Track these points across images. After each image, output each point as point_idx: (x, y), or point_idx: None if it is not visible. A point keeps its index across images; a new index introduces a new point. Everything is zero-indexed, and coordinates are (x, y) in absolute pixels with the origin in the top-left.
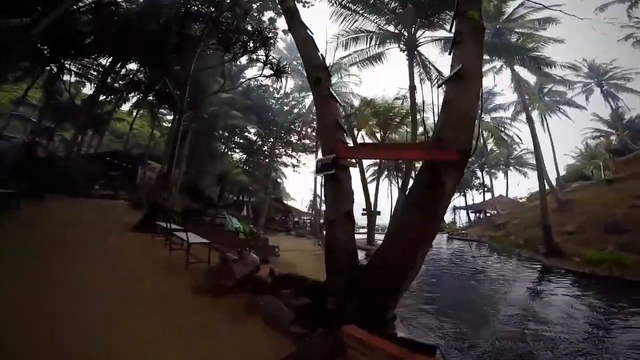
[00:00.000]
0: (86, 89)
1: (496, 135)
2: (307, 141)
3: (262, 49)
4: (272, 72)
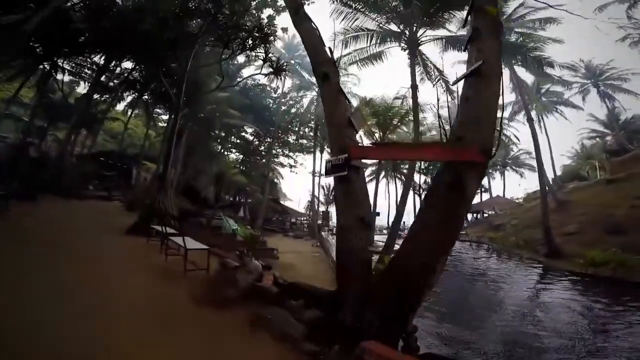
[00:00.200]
0: (80, 88)
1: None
2: (304, 141)
3: (262, 45)
4: (272, 70)
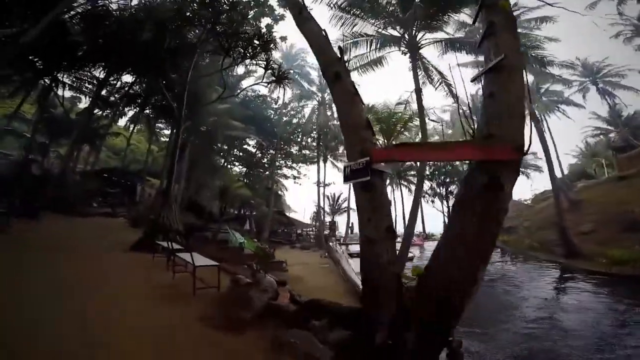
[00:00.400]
0: (82, 103)
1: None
2: (307, 152)
3: (263, 53)
4: (274, 78)
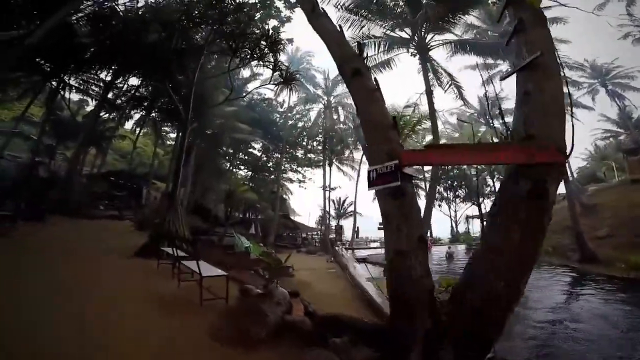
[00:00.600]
0: (90, 106)
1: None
2: (312, 155)
3: (270, 54)
4: (282, 80)
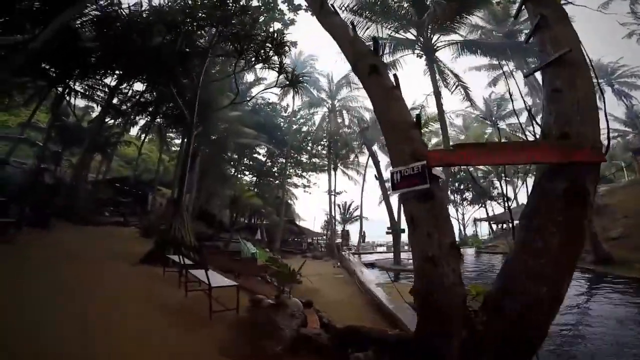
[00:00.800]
0: (95, 112)
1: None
2: (316, 160)
3: (276, 56)
4: (287, 82)
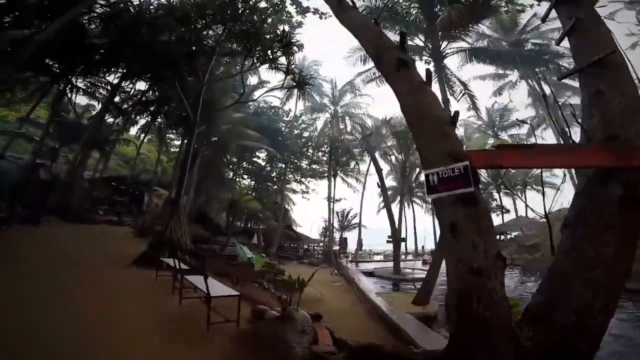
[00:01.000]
0: (96, 111)
1: None
2: (316, 166)
3: (284, 56)
4: (294, 83)
